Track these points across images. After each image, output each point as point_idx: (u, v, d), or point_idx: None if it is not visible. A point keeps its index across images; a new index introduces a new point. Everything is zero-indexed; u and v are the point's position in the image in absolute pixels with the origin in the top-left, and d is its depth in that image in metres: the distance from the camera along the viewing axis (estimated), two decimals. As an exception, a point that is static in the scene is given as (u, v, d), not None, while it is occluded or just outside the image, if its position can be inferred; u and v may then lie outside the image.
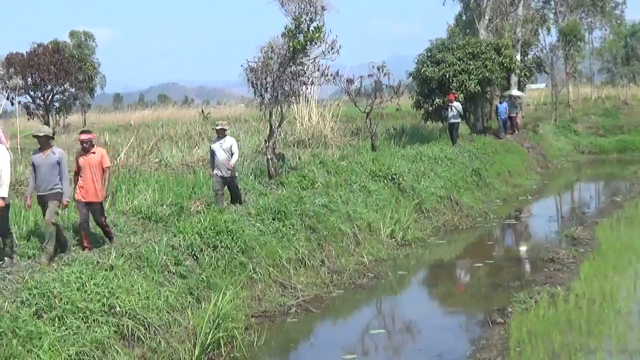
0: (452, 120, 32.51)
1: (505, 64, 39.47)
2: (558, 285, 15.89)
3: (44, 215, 14.03)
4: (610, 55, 72.52)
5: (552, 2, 53.30)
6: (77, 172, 15.12)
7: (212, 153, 19.18)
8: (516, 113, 40.09)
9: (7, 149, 12.32)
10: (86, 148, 14.89)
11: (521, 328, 13.12)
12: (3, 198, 12.14)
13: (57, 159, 13.76)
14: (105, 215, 15.53)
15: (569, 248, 20.16)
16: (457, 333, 14.64)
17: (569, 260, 18.64)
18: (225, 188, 19.58)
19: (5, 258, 13.05)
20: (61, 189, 13.92)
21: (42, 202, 13.99)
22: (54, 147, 14.02)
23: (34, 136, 14.25)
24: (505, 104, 37.99)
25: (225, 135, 19.20)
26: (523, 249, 23.12)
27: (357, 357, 13.45)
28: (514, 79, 44.88)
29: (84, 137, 15.01)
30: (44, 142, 13.84)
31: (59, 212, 14.18)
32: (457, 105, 32.40)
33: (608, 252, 18.33)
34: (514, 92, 39.44)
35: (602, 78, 79.55)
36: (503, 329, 13.77)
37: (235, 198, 19.60)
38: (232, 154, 18.98)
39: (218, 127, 19.36)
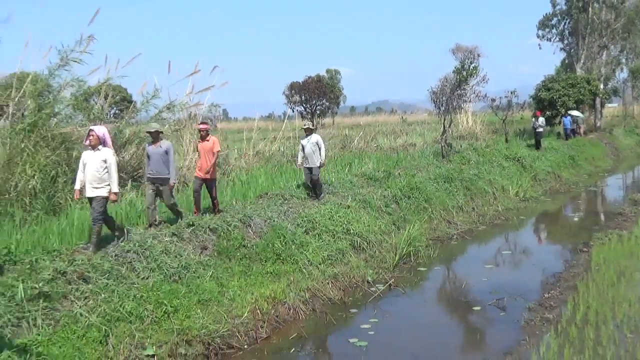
0: (538, 130, 30.63)
1: (592, 91, 37.88)
2: (624, 230, 14.99)
3: (153, 192, 10.93)
4: (662, 85, 68.24)
5: (625, 52, 50.02)
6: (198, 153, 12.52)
7: (302, 147, 14.68)
8: (578, 126, 37.44)
9: (113, 152, 9.85)
10: (203, 136, 12.13)
11: (599, 255, 12.43)
12: (115, 193, 9.57)
13: (165, 149, 10.94)
14: (216, 191, 12.37)
15: (631, 207, 18.89)
16: (555, 256, 14.01)
17: (632, 214, 17.47)
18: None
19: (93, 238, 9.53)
20: (169, 175, 10.94)
21: (154, 183, 10.90)
22: (163, 140, 11.25)
23: (147, 132, 11.43)
24: (569, 118, 35.62)
25: (312, 133, 14.74)
26: (600, 205, 21.82)
27: (492, 266, 13.09)
28: (598, 100, 43.07)
29: (202, 126, 12.30)
30: (155, 136, 11.04)
31: (173, 194, 11.28)
32: (541, 120, 30.49)
33: (658, 210, 17.19)
34: (574, 112, 37.04)
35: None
36: (587, 255, 13.08)
37: (316, 189, 14.58)
38: (319, 148, 14.41)
39: (305, 127, 14.88)
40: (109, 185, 9.46)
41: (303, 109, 51.90)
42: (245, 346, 8.53)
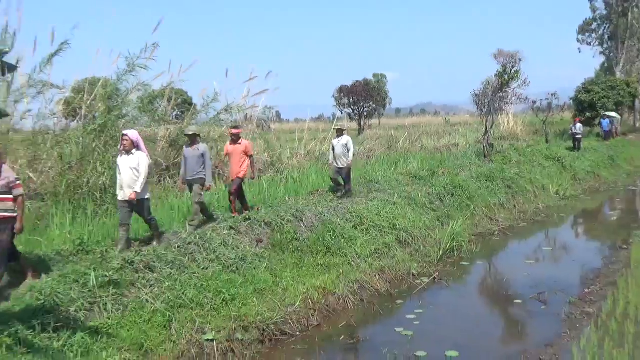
0: (578, 136, 29.64)
1: (632, 93, 37.07)
2: (663, 228, 14.60)
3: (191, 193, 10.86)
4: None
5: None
6: (226, 156, 12.03)
7: (332, 148, 14.29)
8: (615, 127, 36.20)
9: (147, 155, 9.56)
10: (234, 139, 11.68)
11: (638, 252, 12.07)
12: (136, 192, 9.13)
13: (202, 152, 10.62)
14: (239, 191, 11.69)
15: (670, 205, 18.37)
16: (595, 253, 13.64)
17: (671, 212, 17.00)
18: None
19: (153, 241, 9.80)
20: (204, 175, 10.68)
21: (190, 185, 10.75)
22: (200, 143, 10.84)
23: (185, 135, 11.15)
24: (607, 120, 34.51)
25: (343, 134, 14.24)
26: (639, 204, 21.19)
27: (533, 262, 12.80)
28: (637, 102, 42.07)
29: (233, 131, 11.81)
30: (192, 139, 10.69)
31: (202, 193, 10.77)
32: (579, 126, 29.59)
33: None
34: (611, 114, 35.90)
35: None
36: (626, 252, 12.75)
37: (345, 187, 14.32)
38: (348, 150, 13.99)
39: (337, 128, 14.44)
40: (147, 186, 9.29)
41: (351, 110, 51.82)
42: (298, 333, 8.57)
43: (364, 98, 51.38)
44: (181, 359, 7.23)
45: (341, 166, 14.10)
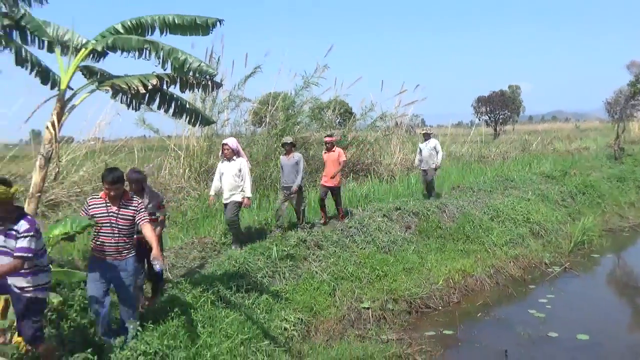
0: None
1: None
2: None
3: (284, 198, 9.61)
4: None
5: None
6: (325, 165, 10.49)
7: (419, 150, 12.66)
8: None
9: (247, 160, 8.70)
10: (328, 147, 10.23)
11: None
12: (249, 198, 8.50)
13: (296, 160, 9.42)
14: (341, 199, 10.58)
15: None
16: None
17: None
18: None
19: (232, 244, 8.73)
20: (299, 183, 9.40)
21: (284, 191, 9.53)
22: (295, 152, 9.64)
23: (282, 144, 9.96)
24: None
25: (430, 138, 12.58)
26: None
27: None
28: None
29: (327, 139, 10.36)
30: (288, 148, 9.53)
31: (305, 202, 9.81)
32: None
33: None
34: None
35: None
36: None
37: (429, 188, 12.60)
38: (437, 152, 12.31)
39: (423, 132, 12.91)
40: (242, 191, 8.53)
41: (488, 118, 49.85)
42: (440, 307, 8.44)
43: (499, 107, 49.29)
44: (342, 322, 7.40)
45: (428, 168, 12.47)
